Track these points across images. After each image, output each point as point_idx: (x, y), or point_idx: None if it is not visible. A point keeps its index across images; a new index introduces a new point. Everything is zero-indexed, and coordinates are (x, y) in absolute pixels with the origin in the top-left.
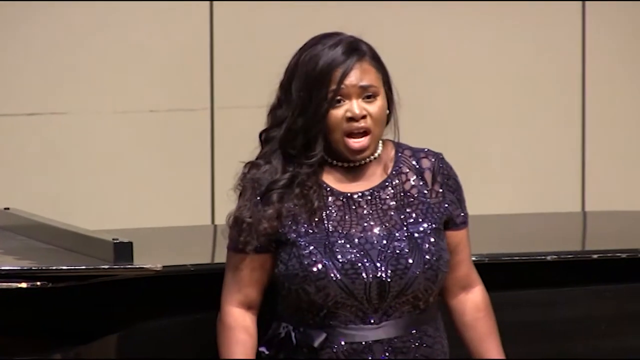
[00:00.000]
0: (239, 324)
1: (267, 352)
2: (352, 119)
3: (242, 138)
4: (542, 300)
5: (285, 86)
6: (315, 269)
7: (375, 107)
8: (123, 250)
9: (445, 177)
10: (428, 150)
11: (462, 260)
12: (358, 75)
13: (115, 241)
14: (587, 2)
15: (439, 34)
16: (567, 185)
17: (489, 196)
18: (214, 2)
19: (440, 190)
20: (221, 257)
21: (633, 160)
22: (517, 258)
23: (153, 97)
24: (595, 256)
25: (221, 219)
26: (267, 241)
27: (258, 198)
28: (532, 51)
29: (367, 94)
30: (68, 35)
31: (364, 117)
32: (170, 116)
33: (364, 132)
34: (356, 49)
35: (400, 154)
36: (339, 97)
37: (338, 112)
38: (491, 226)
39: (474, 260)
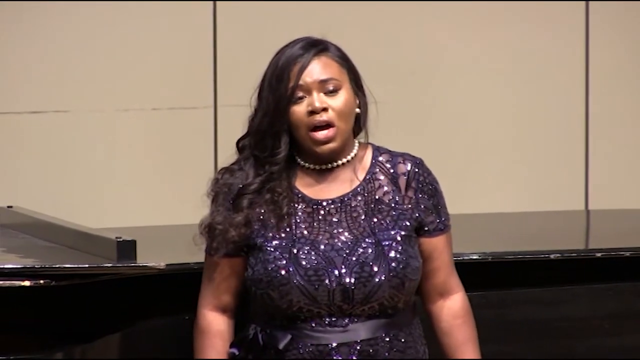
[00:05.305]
0: (213, 328)
1: (237, 354)
2: (313, 112)
3: None
4: (545, 299)
5: (258, 94)
6: (278, 275)
7: (338, 101)
8: (126, 248)
9: (420, 183)
10: (406, 155)
11: (438, 268)
12: (317, 69)
13: (118, 239)
14: (590, 2)
15: (439, 33)
16: (571, 183)
17: (492, 194)
18: (217, 1)
19: (414, 197)
20: None
21: (636, 159)
22: (520, 257)
23: (156, 95)
24: (598, 255)
25: None
26: (237, 247)
27: (230, 202)
28: (535, 50)
29: (328, 88)
30: (71, 34)
31: (324, 109)
32: (173, 114)
33: (327, 125)
34: (316, 45)
35: (376, 159)
36: (300, 94)
37: (300, 108)
38: (494, 225)
39: (477, 259)
